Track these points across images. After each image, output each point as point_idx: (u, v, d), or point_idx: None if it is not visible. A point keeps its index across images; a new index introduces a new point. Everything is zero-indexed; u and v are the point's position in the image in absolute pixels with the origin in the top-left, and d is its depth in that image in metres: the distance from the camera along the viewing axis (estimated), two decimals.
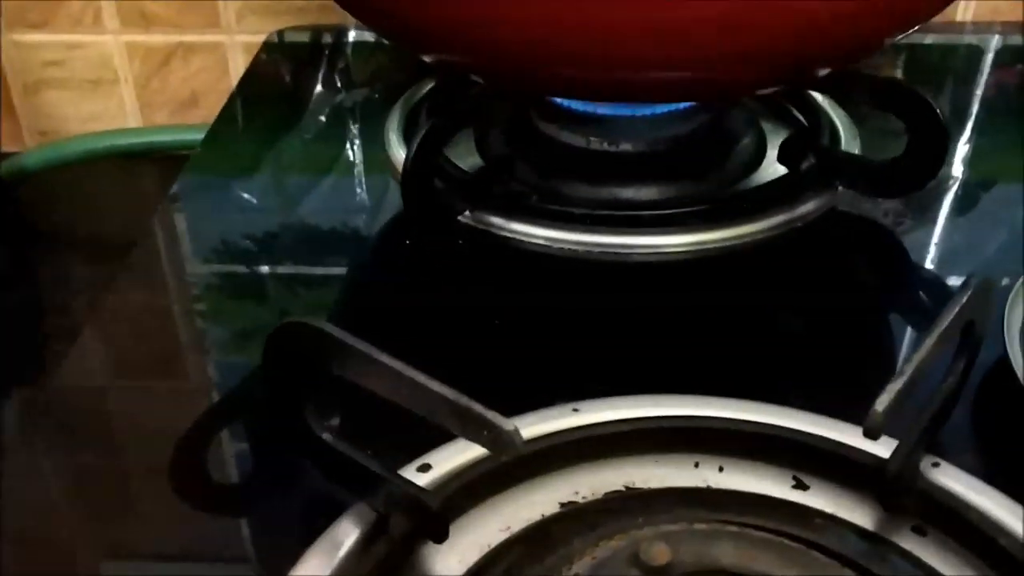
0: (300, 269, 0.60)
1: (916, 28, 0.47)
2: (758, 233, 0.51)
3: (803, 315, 0.51)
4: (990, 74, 0.81)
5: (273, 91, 0.78)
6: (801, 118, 0.59)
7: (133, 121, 0.88)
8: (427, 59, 0.52)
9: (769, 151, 0.57)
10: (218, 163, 0.69)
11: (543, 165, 0.56)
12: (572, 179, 0.55)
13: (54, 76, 0.86)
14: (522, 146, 0.57)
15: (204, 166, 0.69)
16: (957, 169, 0.69)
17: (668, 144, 0.56)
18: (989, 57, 0.82)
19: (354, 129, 0.73)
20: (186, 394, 0.50)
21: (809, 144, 0.55)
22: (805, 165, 0.54)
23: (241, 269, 0.58)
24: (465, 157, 0.56)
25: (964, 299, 0.33)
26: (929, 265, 0.55)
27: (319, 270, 0.59)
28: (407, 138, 0.59)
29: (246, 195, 0.66)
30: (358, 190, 0.65)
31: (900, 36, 0.48)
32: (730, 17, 0.41)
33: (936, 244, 0.57)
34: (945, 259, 0.56)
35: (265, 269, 0.58)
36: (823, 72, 0.49)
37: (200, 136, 0.81)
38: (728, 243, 0.51)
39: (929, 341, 0.32)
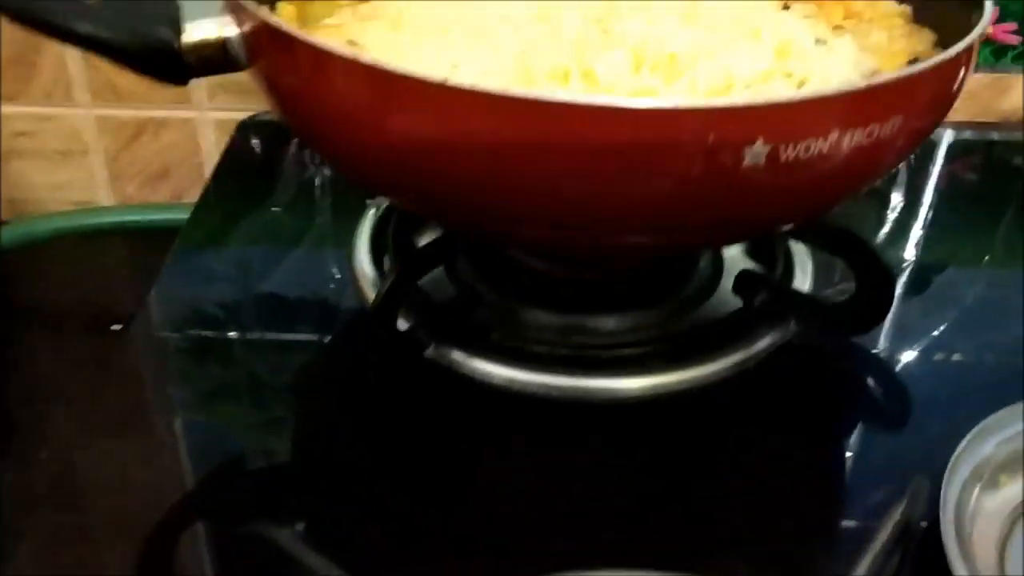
0: (269, 335, 0.63)
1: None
2: (714, 374, 0.53)
3: (758, 456, 0.53)
4: (943, 165, 0.84)
5: (250, 169, 0.79)
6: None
7: (103, 192, 0.88)
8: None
9: (724, 276, 0.59)
10: (201, 241, 0.71)
11: (507, 291, 0.57)
12: (534, 306, 0.57)
13: (24, 146, 0.87)
14: (487, 270, 0.59)
15: (189, 248, 0.70)
16: (911, 253, 0.73)
17: (629, 271, 0.58)
18: (942, 149, 0.85)
19: (325, 205, 0.75)
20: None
21: (763, 279, 0.57)
22: (759, 299, 0.56)
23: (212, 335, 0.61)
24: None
25: (900, 510, 0.35)
26: (882, 343, 0.59)
27: (287, 336, 0.62)
28: (375, 246, 0.61)
29: (227, 268, 0.68)
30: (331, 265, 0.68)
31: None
32: (683, 196, 0.43)
33: (890, 323, 0.60)
34: (897, 339, 0.59)
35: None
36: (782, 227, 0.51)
37: (170, 215, 0.82)
38: (686, 384, 0.52)
39: (867, 559, 0.34)
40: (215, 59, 0.48)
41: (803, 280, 0.58)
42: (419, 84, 0.41)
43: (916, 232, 0.77)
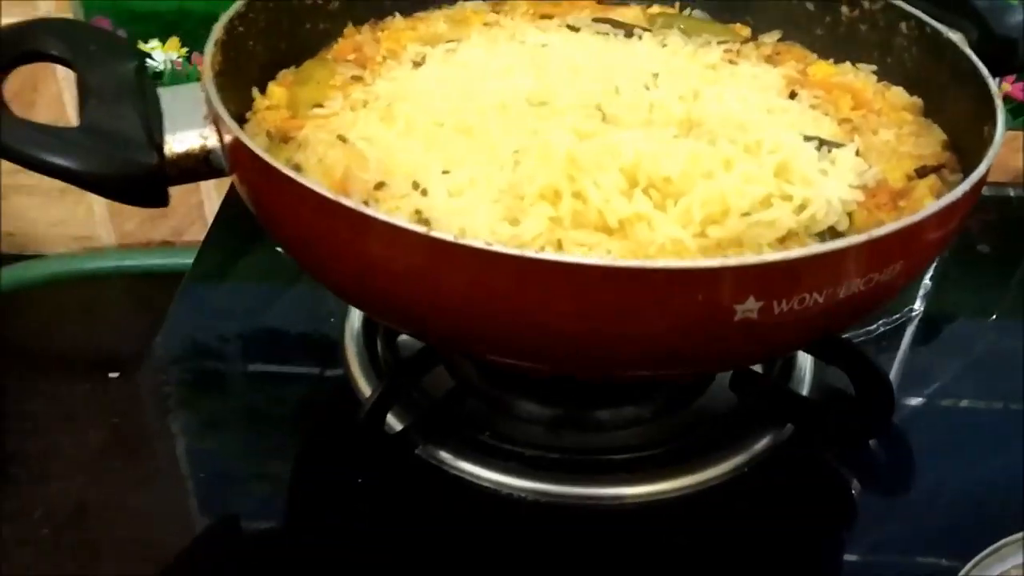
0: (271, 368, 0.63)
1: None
2: (711, 479, 0.52)
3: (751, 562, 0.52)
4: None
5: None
6: None
7: (103, 229, 0.87)
8: None
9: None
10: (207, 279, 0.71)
11: (500, 384, 0.57)
12: (527, 399, 0.56)
13: (22, 183, 0.86)
14: (482, 366, 0.57)
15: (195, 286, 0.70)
16: (919, 303, 0.71)
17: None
18: None
19: None
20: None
21: (759, 379, 0.55)
22: (755, 399, 0.55)
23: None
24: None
25: None
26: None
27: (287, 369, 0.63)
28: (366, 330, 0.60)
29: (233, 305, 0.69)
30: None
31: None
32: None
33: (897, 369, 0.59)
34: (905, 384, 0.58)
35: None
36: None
37: (169, 260, 0.81)
38: (683, 491, 0.52)
39: None
40: (198, 170, 0.47)
41: (801, 379, 0.57)
42: (395, 231, 0.40)
43: (925, 284, 0.75)
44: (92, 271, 0.80)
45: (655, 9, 0.69)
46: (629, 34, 0.65)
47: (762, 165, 0.46)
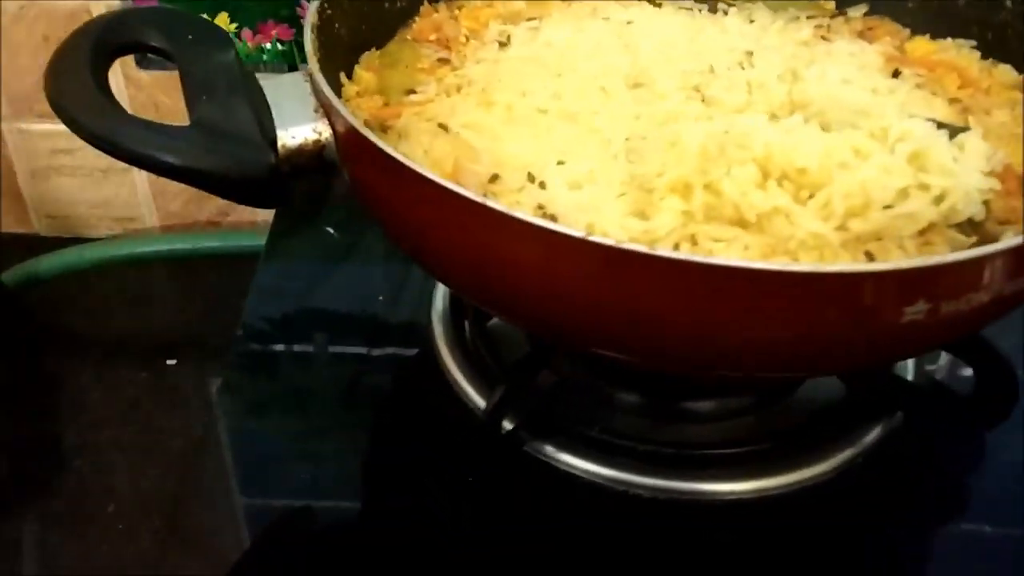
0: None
1: None
2: (821, 474, 0.51)
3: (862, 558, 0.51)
4: None
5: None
6: None
7: (146, 209, 0.85)
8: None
9: None
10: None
11: (604, 377, 0.55)
12: (631, 392, 0.55)
13: (63, 163, 0.83)
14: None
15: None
16: None
17: None
18: None
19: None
20: None
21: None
22: (864, 387, 0.54)
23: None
24: None
25: None
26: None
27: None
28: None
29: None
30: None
31: None
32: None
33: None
34: None
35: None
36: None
37: (215, 243, 0.79)
38: (791, 487, 0.51)
39: None
40: (311, 165, 0.45)
41: (905, 365, 0.56)
42: (523, 226, 0.38)
43: None
44: (141, 255, 0.77)
45: None
46: (713, 9, 0.63)
47: (896, 154, 0.45)
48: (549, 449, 0.51)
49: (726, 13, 0.62)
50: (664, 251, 0.36)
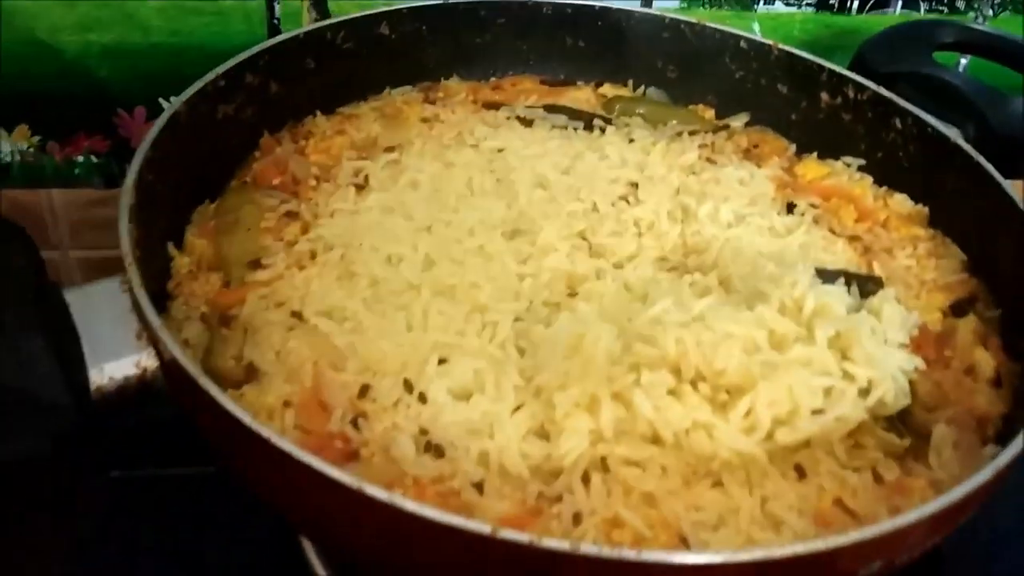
0: None
1: None
2: None
3: None
4: None
5: None
6: None
7: None
8: None
9: None
10: None
11: None
12: None
13: None
14: None
15: None
16: None
17: None
18: None
19: None
20: None
21: None
22: None
23: None
24: None
25: None
26: None
27: None
28: None
29: None
30: None
31: None
32: None
33: None
34: None
35: None
36: None
37: None
38: None
39: None
40: (132, 400, 0.36)
41: None
42: (382, 506, 0.31)
43: None
44: None
45: (608, 90, 0.61)
46: (589, 126, 0.57)
47: (817, 341, 0.40)
48: None
49: (603, 131, 0.57)
50: (589, 547, 0.30)
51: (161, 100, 0.65)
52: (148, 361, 0.36)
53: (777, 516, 0.37)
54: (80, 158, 0.67)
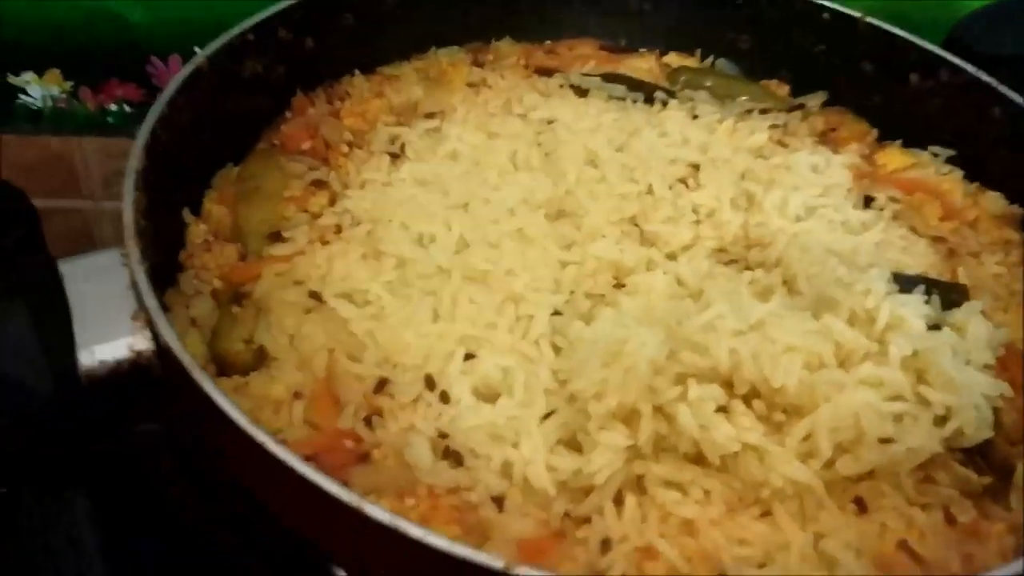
0: None
1: None
2: None
3: None
4: None
5: None
6: None
7: None
8: None
9: None
10: None
11: None
12: None
13: None
14: None
15: None
16: None
17: None
18: None
19: None
20: None
21: None
22: None
23: None
24: None
25: None
26: None
27: None
28: None
29: None
30: None
31: None
32: None
33: None
34: None
35: None
36: None
37: None
38: None
39: None
40: (126, 385, 0.33)
41: None
42: (384, 530, 0.27)
43: None
44: None
45: (673, 59, 0.56)
46: (649, 99, 0.53)
47: (890, 358, 0.35)
48: None
49: (664, 104, 0.52)
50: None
51: (197, 49, 0.61)
52: (143, 344, 0.33)
53: (832, 555, 0.32)
54: (113, 106, 0.64)
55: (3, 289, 0.30)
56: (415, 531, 0.27)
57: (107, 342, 0.32)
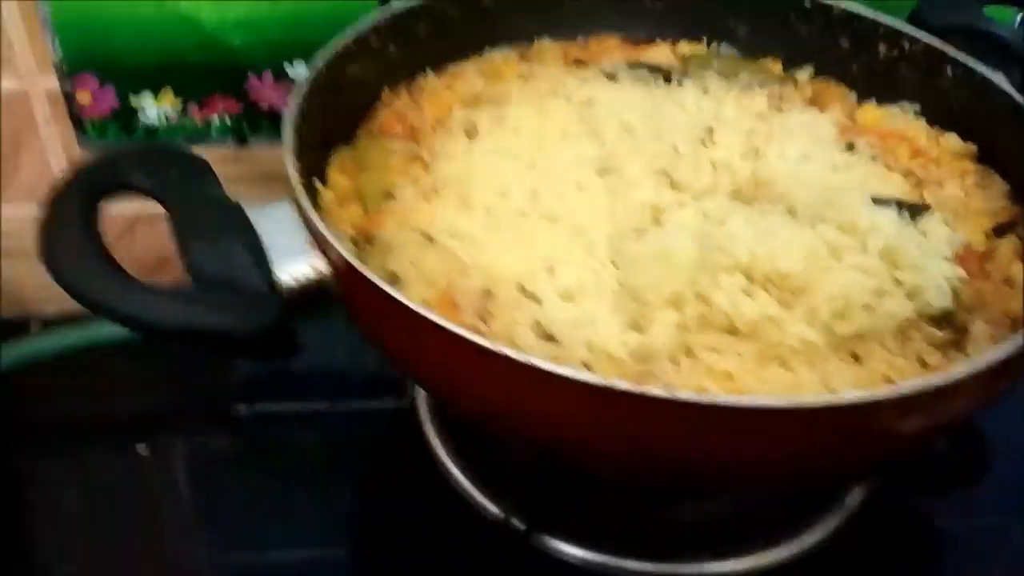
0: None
1: None
2: (813, 546, 0.53)
3: None
4: None
5: None
6: None
7: None
8: None
9: None
10: None
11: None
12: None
13: (12, 246, 0.80)
14: None
15: None
16: None
17: None
18: None
19: None
20: None
21: None
22: None
23: None
24: None
25: None
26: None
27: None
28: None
29: None
30: None
31: None
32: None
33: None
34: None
35: None
36: None
37: None
38: (786, 559, 0.53)
39: None
40: (314, 301, 0.45)
41: None
42: (520, 367, 0.39)
43: None
44: (96, 340, 0.75)
45: (684, 48, 0.68)
46: (667, 80, 0.64)
47: (868, 251, 0.47)
48: (545, 539, 0.53)
49: (681, 83, 0.64)
50: (658, 390, 0.37)
51: (286, 64, 0.73)
52: (320, 264, 0.44)
53: (836, 391, 0.44)
54: (215, 119, 0.76)
55: (226, 225, 0.42)
56: (537, 361, 0.39)
57: (296, 264, 0.44)
